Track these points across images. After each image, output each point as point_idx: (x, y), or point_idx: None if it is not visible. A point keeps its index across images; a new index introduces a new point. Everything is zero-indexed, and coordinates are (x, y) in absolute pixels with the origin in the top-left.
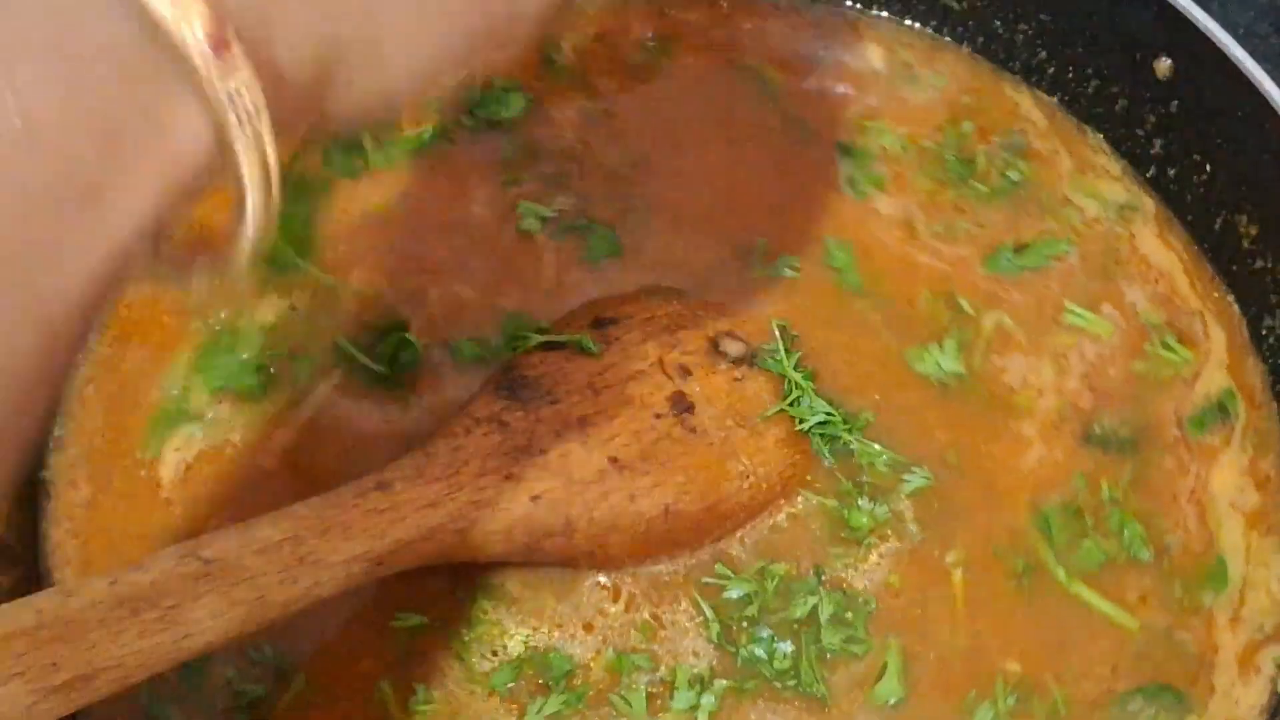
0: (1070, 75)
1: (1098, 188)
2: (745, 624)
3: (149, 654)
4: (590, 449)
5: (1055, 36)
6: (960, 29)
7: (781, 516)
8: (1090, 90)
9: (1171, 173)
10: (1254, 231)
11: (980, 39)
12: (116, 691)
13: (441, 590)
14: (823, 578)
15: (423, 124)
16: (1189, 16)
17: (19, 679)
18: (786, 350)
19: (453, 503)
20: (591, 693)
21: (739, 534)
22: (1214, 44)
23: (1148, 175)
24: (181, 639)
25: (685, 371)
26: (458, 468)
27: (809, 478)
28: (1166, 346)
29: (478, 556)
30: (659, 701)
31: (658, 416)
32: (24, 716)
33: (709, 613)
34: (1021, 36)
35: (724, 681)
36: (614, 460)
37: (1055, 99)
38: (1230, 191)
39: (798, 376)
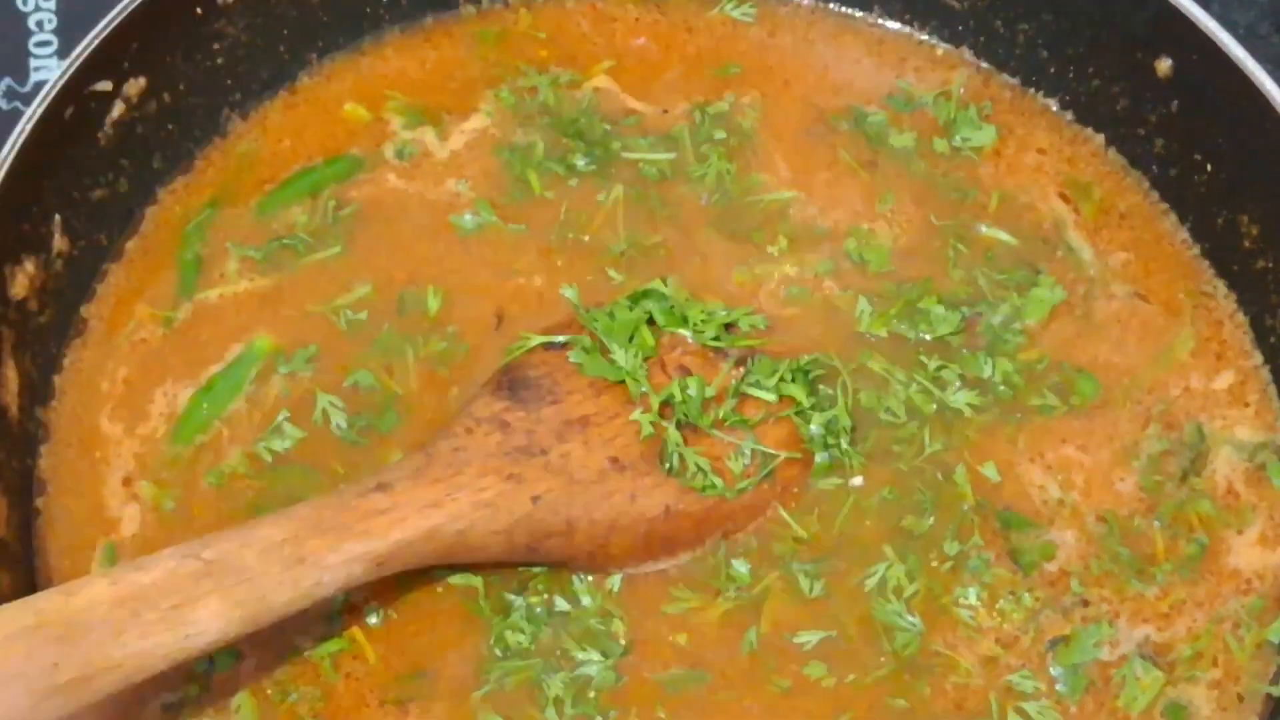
0: (1071, 75)
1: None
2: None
3: (149, 654)
4: (591, 449)
5: (1056, 36)
6: (961, 29)
7: None
8: (1091, 90)
9: (1173, 172)
10: (1255, 231)
11: (981, 39)
12: (116, 692)
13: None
14: None
15: None
16: (1189, 16)
17: (19, 679)
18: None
19: (454, 503)
20: None
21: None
22: (1214, 44)
23: (1149, 175)
24: (183, 639)
25: (685, 371)
26: (459, 468)
27: None
28: None
29: (478, 557)
30: None
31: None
32: (25, 717)
33: None
34: (1022, 36)
35: None
36: (615, 460)
37: (1055, 100)
38: (1232, 191)
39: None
